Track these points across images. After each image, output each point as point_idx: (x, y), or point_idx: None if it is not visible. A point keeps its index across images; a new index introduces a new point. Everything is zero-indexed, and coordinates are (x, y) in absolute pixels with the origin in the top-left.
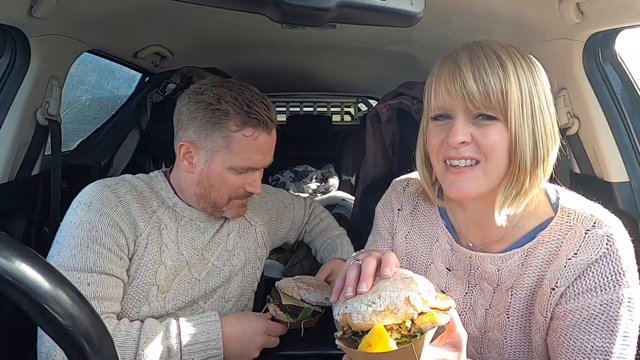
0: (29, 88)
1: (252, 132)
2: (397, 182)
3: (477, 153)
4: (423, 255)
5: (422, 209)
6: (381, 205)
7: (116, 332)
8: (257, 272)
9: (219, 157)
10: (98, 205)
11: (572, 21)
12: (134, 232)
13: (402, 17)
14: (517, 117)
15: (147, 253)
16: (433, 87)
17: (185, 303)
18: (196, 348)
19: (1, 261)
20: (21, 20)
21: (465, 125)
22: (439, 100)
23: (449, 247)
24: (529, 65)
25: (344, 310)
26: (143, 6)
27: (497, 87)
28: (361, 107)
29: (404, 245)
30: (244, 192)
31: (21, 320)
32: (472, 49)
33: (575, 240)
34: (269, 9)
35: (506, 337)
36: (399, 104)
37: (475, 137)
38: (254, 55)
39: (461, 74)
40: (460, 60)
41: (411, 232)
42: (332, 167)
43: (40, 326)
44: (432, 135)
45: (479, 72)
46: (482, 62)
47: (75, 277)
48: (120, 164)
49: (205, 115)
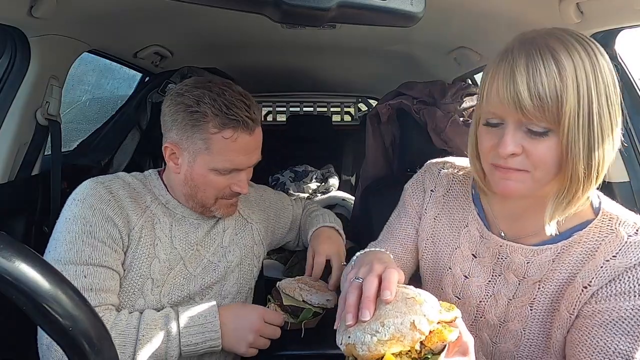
0: (29, 88)
1: (231, 134)
2: (433, 164)
3: (526, 164)
4: (449, 239)
5: (454, 193)
6: (411, 185)
7: (117, 322)
8: (254, 270)
9: (200, 159)
10: (91, 200)
11: (572, 21)
12: (127, 225)
13: (402, 17)
14: (571, 127)
15: (140, 246)
16: (486, 90)
17: (181, 298)
18: (194, 330)
19: (1, 261)
20: (21, 20)
21: (516, 136)
22: (491, 106)
23: (478, 233)
24: (591, 61)
25: (347, 340)
26: (143, 6)
27: (552, 99)
28: (361, 107)
29: (432, 227)
30: (231, 192)
31: (21, 320)
32: (529, 50)
33: (616, 244)
34: (269, 9)
35: (525, 329)
36: (399, 104)
37: (526, 148)
38: (254, 55)
39: (515, 84)
40: (515, 66)
41: (440, 214)
42: (332, 167)
43: (40, 326)
44: (483, 138)
45: (534, 84)
46: (538, 69)
47: (72, 270)
48: (120, 164)
49: (185, 118)
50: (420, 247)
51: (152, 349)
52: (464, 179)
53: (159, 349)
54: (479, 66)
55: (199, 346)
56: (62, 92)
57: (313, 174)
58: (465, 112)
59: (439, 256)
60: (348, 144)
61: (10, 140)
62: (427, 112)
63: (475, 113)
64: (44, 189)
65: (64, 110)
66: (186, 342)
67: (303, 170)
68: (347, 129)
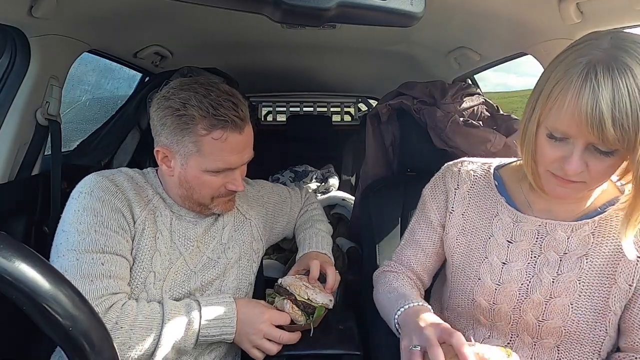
0: (29, 88)
1: (220, 134)
2: (450, 165)
3: (585, 177)
4: (481, 230)
5: (478, 187)
6: (431, 189)
7: (141, 307)
8: (253, 265)
9: (192, 161)
10: (99, 192)
11: (572, 21)
12: (132, 217)
13: (402, 17)
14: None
15: (143, 238)
16: (559, 105)
17: (182, 294)
18: (214, 323)
19: (1, 261)
20: (21, 20)
21: (584, 155)
22: (564, 125)
23: (511, 220)
24: None
25: None
26: (143, 6)
27: (632, 129)
28: (361, 107)
29: (461, 223)
30: (226, 191)
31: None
32: (614, 72)
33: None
34: (269, 9)
35: (573, 304)
36: (399, 104)
37: (589, 165)
38: (254, 55)
39: (600, 112)
40: (599, 91)
41: (468, 209)
42: (332, 167)
43: (40, 326)
44: (545, 150)
45: (619, 114)
46: (624, 100)
47: (89, 259)
48: (120, 164)
49: (174, 122)
50: (451, 244)
51: (175, 335)
52: (485, 173)
53: (181, 336)
54: (479, 66)
55: (214, 338)
56: (62, 92)
57: (313, 174)
58: (465, 112)
59: (472, 248)
60: (348, 144)
61: (10, 140)
62: (427, 112)
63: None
64: (44, 189)
65: (64, 110)
66: (204, 333)
67: (303, 170)
68: (347, 129)
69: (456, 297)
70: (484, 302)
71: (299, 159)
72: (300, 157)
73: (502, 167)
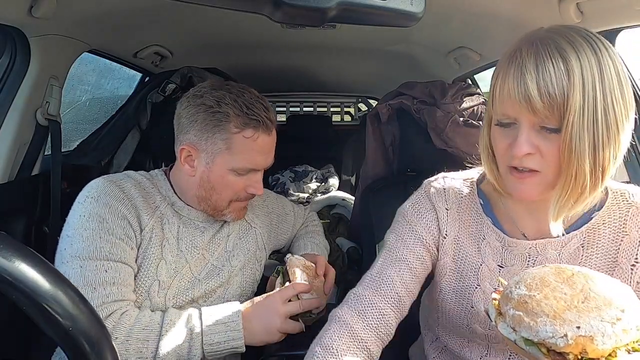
0: (29, 88)
1: (252, 134)
2: (432, 182)
3: (540, 164)
4: (473, 257)
5: (465, 207)
6: (413, 206)
7: (140, 317)
8: (256, 274)
9: (220, 159)
10: (106, 198)
11: (572, 21)
12: (139, 225)
13: (402, 17)
14: (575, 125)
15: (150, 247)
16: (497, 91)
17: (185, 302)
18: (217, 329)
19: (1, 261)
20: (21, 20)
21: (530, 135)
22: (503, 107)
23: (499, 243)
24: (597, 58)
25: (576, 332)
26: (143, 6)
27: (560, 97)
28: (361, 107)
29: (453, 248)
30: (246, 195)
31: (21, 320)
32: (537, 49)
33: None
34: (269, 9)
35: None
36: (399, 104)
37: (540, 147)
38: (254, 55)
39: (526, 86)
40: (524, 66)
41: (460, 233)
42: (332, 167)
43: (40, 326)
44: (497, 140)
45: (544, 82)
46: (547, 68)
47: (92, 265)
48: (120, 164)
49: (206, 119)
50: (442, 271)
51: (175, 346)
52: (470, 191)
53: (181, 347)
54: (479, 66)
55: (222, 346)
56: (62, 92)
57: (313, 174)
58: (465, 112)
59: (463, 275)
60: (348, 144)
61: (10, 140)
62: (427, 112)
63: (486, 115)
64: (44, 189)
65: (64, 110)
66: (209, 340)
67: (303, 170)
68: (347, 129)
69: (448, 321)
70: (480, 329)
71: (299, 159)
72: (300, 157)
73: (483, 181)
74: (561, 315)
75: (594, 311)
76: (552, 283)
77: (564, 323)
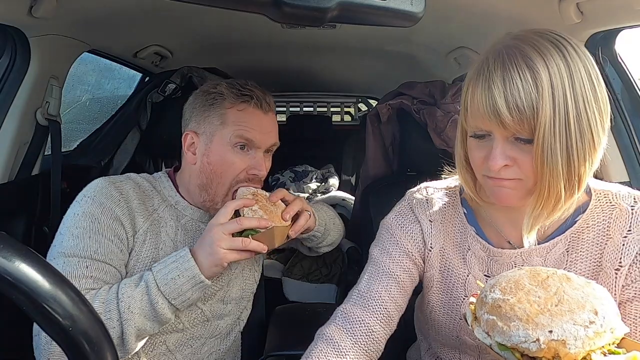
0: (29, 88)
1: (245, 107)
2: (414, 193)
3: (518, 173)
4: (459, 268)
5: (449, 218)
6: (396, 218)
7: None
8: (255, 275)
9: (217, 137)
10: (101, 199)
11: (572, 21)
12: (133, 227)
13: (402, 17)
14: (548, 137)
15: (144, 249)
16: (468, 104)
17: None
18: (168, 269)
19: (1, 261)
20: (21, 20)
21: (505, 148)
22: (475, 121)
23: (484, 253)
24: (566, 63)
25: (549, 337)
26: (143, 6)
27: (529, 112)
28: (361, 107)
29: (439, 260)
30: (246, 176)
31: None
32: (503, 59)
33: (624, 218)
34: (269, 9)
35: None
36: (399, 104)
37: (517, 158)
38: (254, 55)
39: (494, 100)
40: (492, 80)
41: (445, 244)
42: (332, 167)
43: (40, 326)
44: (473, 152)
45: (512, 96)
46: (515, 81)
47: (74, 262)
48: (120, 164)
49: (202, 101)
50: (429, 283)
51: (137, 305)
52: (453, 201)
53: (142, 301)
54: None
55: (179, 282)
56: (62, 92)
57: (313, 174)
58: None
59: (451, 286)
60: (348, 144)
61: (10, 140)
62: (427, 112)
63: (459, 124)
64: (44, 189)
65: (64, 110)
66: (163, 279)
67: (303, 170)
68: (347, 129)
69: (439, 333)
70: (470, 340)
71: (299, 159)
72: (300, 157)
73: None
74: (534, 320)
75: (566, 314)
76: (526, 286)
77: (536, 327)
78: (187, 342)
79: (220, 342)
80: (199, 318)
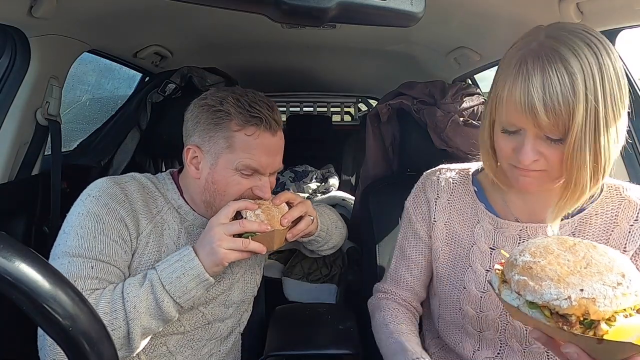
0: (29, 88)
1: (253, 131)
2: (429, 174)
3: (545, 166)
4: (464, 239)
5: (458, 195)
6: (412, 200)
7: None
8: (257, 278)
9: (222, 160)
10: (106, 199)
11: (572, 21)
12: (137, 229)
13: (402, 17)
14: (579, 137)
15: (147, 252)
16: (504, 100)
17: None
18: (172, 268)
19: (1, 261)
20: (21, 20)
21: (536, 144)
22: (510, 117)
23: (492, 226)
24: (597, 61)
25: (579, 295)
26: (143, 6)
27: (566, 114)
28: (361, 107)
29: (444, 233)
30: (251, 195)
31: (21, 320)
32: (544, 63)
33: (632, 209)
34: (269, 9)
35: None
36: (399, 104)
37: (545, 154)
38: (254, 55)
39: (533, 102)
40: (531, 82)
41: (450, 218)
42: (332, 167)
43: (40, 326)
44: (501, 144)
45: (551, 101)
46: (554, 86)
47: (79, 262)
48: (120, 164)
49: (208, 118)
50: (436, 255)
51: (143, 303)
52: (464, 179)
53: (148, 300)
54: (479, 66)
55: (184, 280)
56: (62, 92)
57: (313, 174)
58: (465, 112)
59: (456, 257)
60: (348, 144)
61: (10, 140)
62: (427, 112)
63: (487, 114)
64: (44, 189)
65: (64, 110)
66: (168, 278)
67: (303, 170)
68: (347, 129)
69: (445, 307)
70: (471, 311)
71: (299, 159)
72: (300, 157)
73: (481, 171)
74: (565, 279)
75: (596, 275)
76: (555, 251)
77: (567, 286)
78: (187, 343)
79: (220, 343)
80: (200, 321)
